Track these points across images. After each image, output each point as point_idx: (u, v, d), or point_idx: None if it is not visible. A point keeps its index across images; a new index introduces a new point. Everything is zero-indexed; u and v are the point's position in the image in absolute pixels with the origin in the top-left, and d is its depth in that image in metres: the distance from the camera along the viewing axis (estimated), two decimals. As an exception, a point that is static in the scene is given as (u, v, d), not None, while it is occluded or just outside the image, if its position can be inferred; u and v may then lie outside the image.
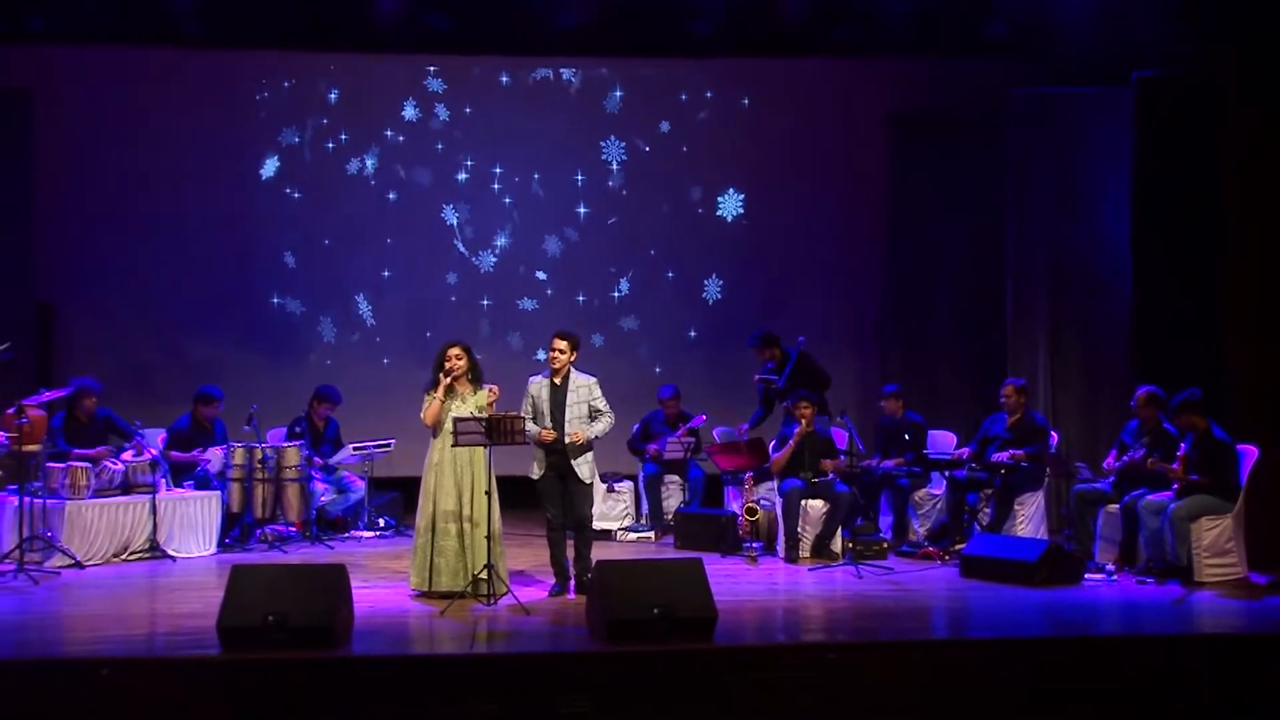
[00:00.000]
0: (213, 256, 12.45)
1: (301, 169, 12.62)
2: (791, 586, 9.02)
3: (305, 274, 12.65)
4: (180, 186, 12.32)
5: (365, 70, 12.59)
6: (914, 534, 10.27)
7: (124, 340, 12.21)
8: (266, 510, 10.30)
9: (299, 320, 12.64)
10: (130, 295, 12.29)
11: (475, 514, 8.21)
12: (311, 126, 12.61)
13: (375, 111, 12.65)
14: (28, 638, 7.36)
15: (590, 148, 12.83)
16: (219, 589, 7.14)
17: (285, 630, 6.70)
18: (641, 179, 12.88)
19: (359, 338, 12.68)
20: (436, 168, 12.75)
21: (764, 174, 12.89)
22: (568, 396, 8.41)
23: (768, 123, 12.84)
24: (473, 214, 12.79)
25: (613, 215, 12.90)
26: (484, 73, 12.74)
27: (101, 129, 12.14)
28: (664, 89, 12.87)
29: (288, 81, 12.55)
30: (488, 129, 12.74)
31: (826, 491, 9.81)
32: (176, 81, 12.24)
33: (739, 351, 11.80)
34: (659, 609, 6.93)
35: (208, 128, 12.31)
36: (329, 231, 12.65)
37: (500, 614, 7.85)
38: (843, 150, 12.78)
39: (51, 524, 9.30)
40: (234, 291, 12.52)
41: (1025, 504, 9.92)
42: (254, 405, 10.52)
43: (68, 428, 9.89)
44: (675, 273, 12.97)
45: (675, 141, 12.89)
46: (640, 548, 10.57)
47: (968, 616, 8.20)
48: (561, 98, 12.82)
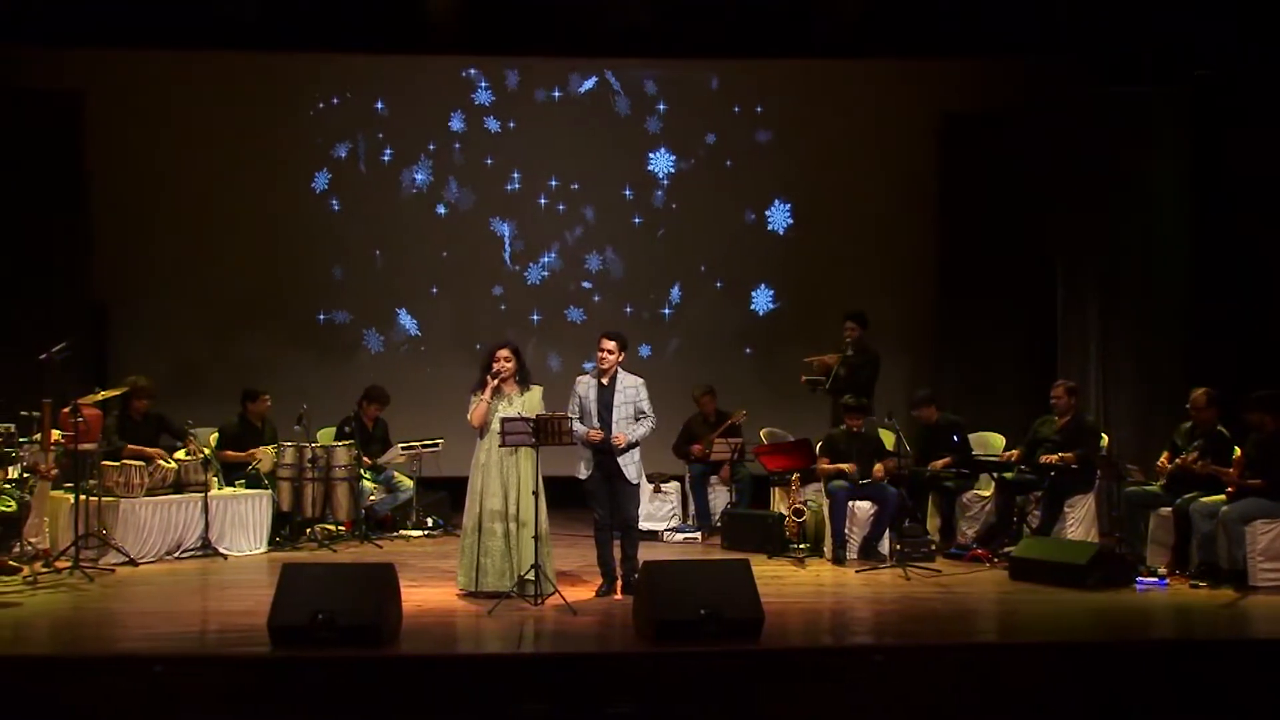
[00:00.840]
0: (264, 258, 12.59)
1: (351, 177, 12.74)
2: (839, 588, 8.98)
3: (354, 283, 12.75)
4: (231, 189, 12.49)
5: (414, 81, 12.71)
6: (962, 536, 10.20)
7: (176, 340, 12.37)
8: (316, 509, 10.39)
9: (347, 326, 12.74)
10: (182, 296, 12.46)
11: (522, 514, 8.24)
12: (362, 137, 12.72)
13: (424, 124, 12.75)
14: (83, 634, 7.47)
15: (637, 159, 12.87)
16: (269, 587, 7.20)
17: (334, 628, 6.74)
18: (689, 190, 12.92)
19: (407, 348, 12.76)
20: (485, 180, 12.82)
21: (814, 177, 12.89)
22: (615, 396, 8.42)
23: (818, 125, 12.83)
24: (521, 226, 12.85)
25: (661, 227, 12.92)
26: (532, 85, 12.80)
27: (154, 131, 12.32)
28: (712, 96, 12.87)
29: (337, 98, 12.67)
30: (536, 142, 12.81)
31: (874, 493, 9.78)
32: (228, 85, 12.43)
33: (789, 360, 11.82)
34: (706, 610, 6.92)
35: (259, 130, 12.48)
36: (378, 241, 12.77)
37: (547, 614, 7.87)
38: (894, 151, 12.77)
39: (106, 522, 9.43)
40: (285, 293, 12.65)
41: (1075, 506, 9.83)
42: (304, 405, 10.61)
43: (122, 427, 10.02)
44: (724, 282, 12.98)
45: (723, 151, 12.92)
46: (687, 548, 10.58)
47: (1017, 620, 8.14)
48: (609, 109, 12.86)
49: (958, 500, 10.32)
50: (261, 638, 6.86)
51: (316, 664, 6.63)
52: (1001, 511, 9.91)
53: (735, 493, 10.99)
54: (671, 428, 10.91)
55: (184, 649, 7.03)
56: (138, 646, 7.04)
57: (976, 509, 10.28)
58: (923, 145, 12.60)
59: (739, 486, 11.00)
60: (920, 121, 12.60)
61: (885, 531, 9.75)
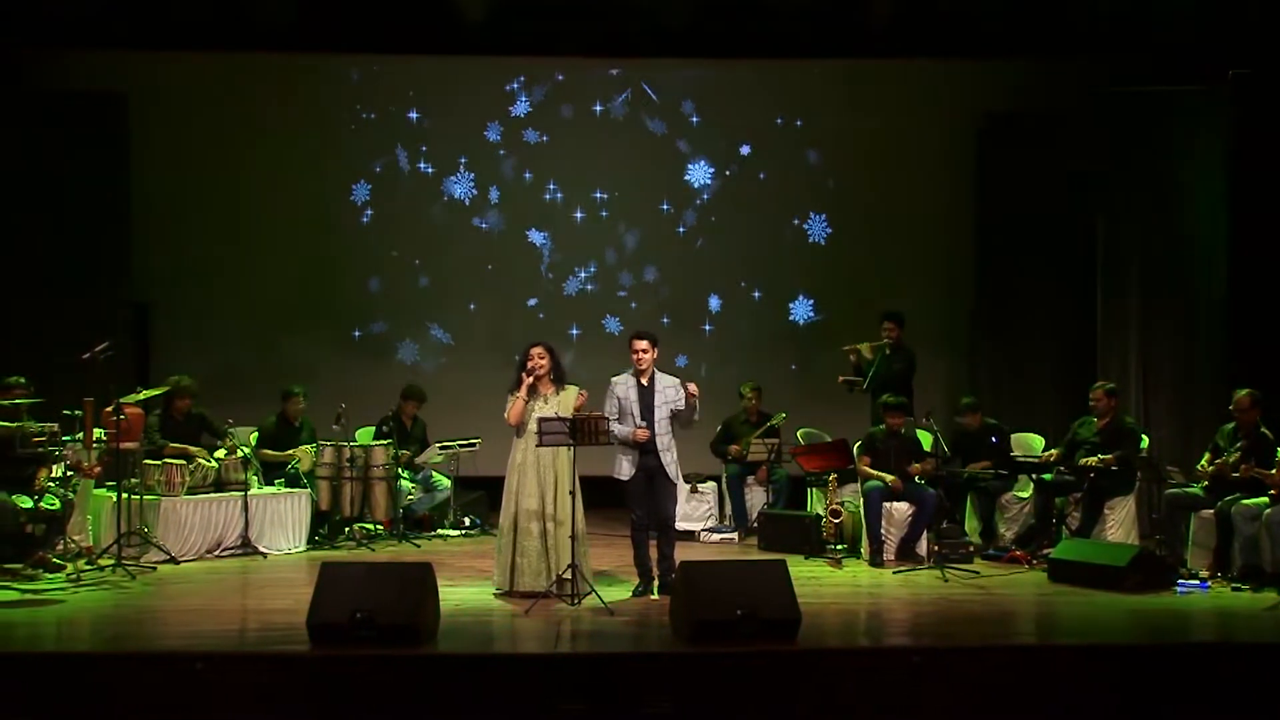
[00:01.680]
0: (304, 260, 12.66)
1: (390, 185, 12.80)
2: (876, 589, 8.95)
3: (392, 289, 12.80)
4: (270, 190, 12.55)
5: (452, 93, 12.73)
6: (1001, 538, 10.15)
7: (216, 340, 12.45)
8: (354, 508, 10.45)
9: (385, 333, 12.81)
10: (222, 296, 12.53)
11: (559, 514, 8.25)
12: (400, 147, 12.77)
13: (462, 135, 12.77)
14: (125, 631, 7.53)
15: (673, 171, 12.87)
16: (308, 585, 7.23)
17: (372, 627, 6.77)
18: (727, 201, 12.89)
19: (445, 360, 12.79)
20: (521, 192, 12.84)
21: (851, 181, 12.84)
22: (655, 397, 8.43)
23: (855, 127, 12.78)
24: (557, 238, 12.87)
25: (699, 238, 12.91)
26: (568, 97, 12.81)
27: (195, 133, 12.39)
28: (748, 102, 12.84)
29: (374, 112, 12.71)
30: (572, 153, 12.82)
31: (912, 494, 9.74)
32: (269, 88, 12.50)
33: (827, 362, 11.79)
34: (742, 610, 6.91)
35: (299, 133, 12.55)
36: (415, 249, 12.81)
37: (584, 614, 7.87)
38: (932, 152, 12.70)
39: (148, 520, 9.52)
40: (325, 295, 12.71)
41: (1115, 508, 9.76)
42: (342, 404, 10.67)
43: (164, 426, 10.11)
44: (762, 292, 12.94)
45: (759, 160, 12.89)
46: (724, 549, 10.57)
47: (1056, 622, 8.10)
48: (645, 122, 12.84)
49: (996, 502, 10.26)
50: (301, 636, 6.90)
51: (355, 662, 6.65)
52: (1040, 513, 9.85)
53: (772, 493, 10.96)
54: (709, 429, 10.88)
55: (224, 647, 7.07)
56: (179, 644, 7.09)
57: (1015, 510, 10.23)
58: (961, 146, 12.52)
59: (776, 487, 10.97)
60: (959, 122, 12.52)
61: (923, 532, 9.72)
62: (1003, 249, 12.33)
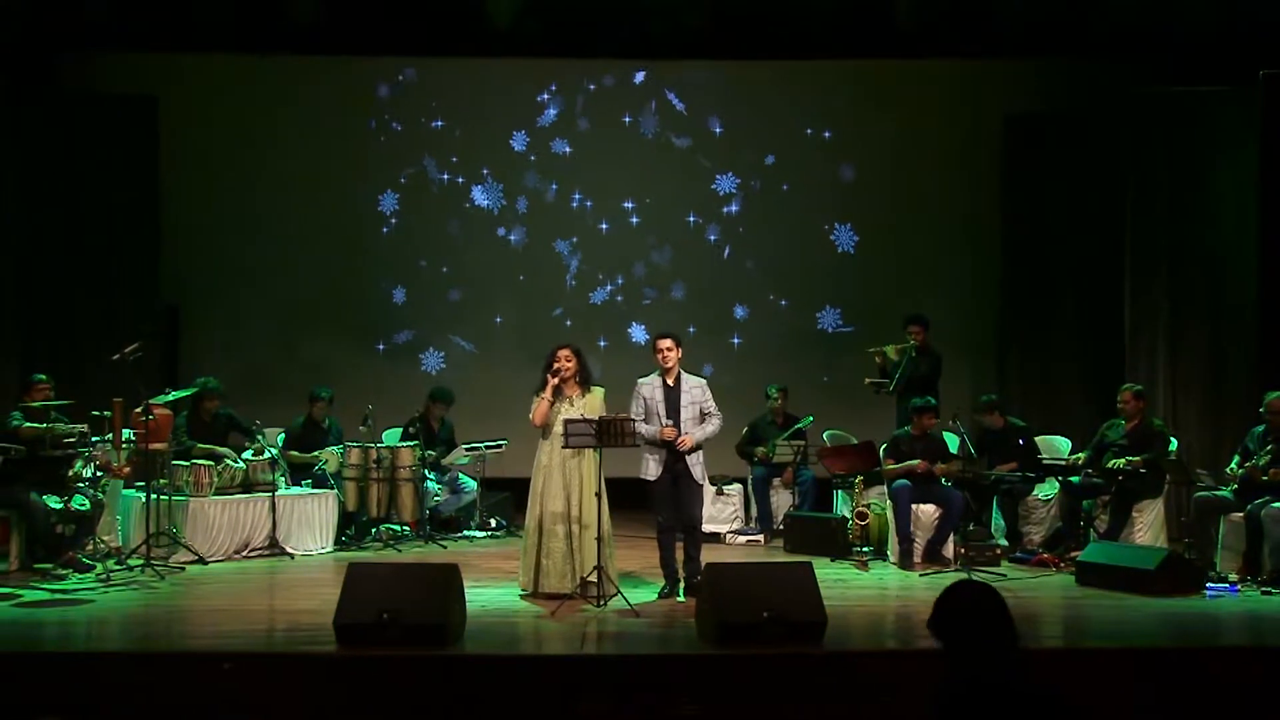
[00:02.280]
0: (331, 261, 12.68)
1: (418, 191, 12.83)
2: (903, 591, 8.92)
3: (418, 294, 12.83)
4: (299, 192, 12.59)
5: (480, 100, 12.74)
6: (1028, 541, 10.09)
7: (245, 341, 12.51)
8: (381, 509, 10.47)
9: (411, 341, 12.83)
10: (251, 298, 12.59)
11: (584, 516, 8.25)
12: (428, 155, 12.79)
13: (489, 144, 12.79)
14: (153, 631, 7.58)
15: (701, 180, 12.85)
16: (335, 586, 7.25)
17: (399, 628, 6.78)
18: (753, 209, 12.86)
19: (471, 361, 12.79)
20: (548, 201, 12.85)
21: (874, 184, 12.78)
22: (682, 397, 8.42)
23: (877, 131, 12.73)
24: (583, 247, 12.86)
25: (725, 247, 12.89)
26: (595, 106, 12.81)
27: (224, 136, 12.47)
28: (772, 109, 12.80)
29: (400, 123, 12.73)
30: (598, 163, 12.82)
31: (939, 496, 9.70)
32: (298, 89, 12.55)
33: (854, 365, 11.78)
34: (769, 612, 6.88)
35: (328, 135, 12.58)
36: (441, 253, 12.83)
37: (609, 615, 7.87)
38: (958, 154, 12.65)
39: (176, 520, 9.56)
40: (351, 295, 12.73)
41: (1144, 511, 9.70)
42: (369, 405, 10.70)
43: (192, 427, 10.16)
44: (789, 300, 12.92)
45: (784, 167, 12.84)
46: (749, 551, 10.55)
47: (1084, 625, 8.03)
48: (673, 131, 12.84)
49: (1023, 504, 10.21)
50: (328, 636, 6.92)
51: (381, 663, 6.66)
52: (1068, 516, 9.79)
53: (798, 495, 10.94)
54: (735, 431, 10.86)
55: (252, 647, 7.10)
56: (207, 644, 7.13)
57: (1042, 513, 10.18)
58: (987, 148, 12.48)
59: (802, 489, 10.95)
60: (984, 124, 12.47)
61: (950, 535, 9.68)
62: (1029, 251, 12.28)
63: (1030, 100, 12.37)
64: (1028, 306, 12.30)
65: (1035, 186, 12.24)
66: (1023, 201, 12.31)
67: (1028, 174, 12.27)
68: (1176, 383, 11.25)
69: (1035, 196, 12.24)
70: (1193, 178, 11.24)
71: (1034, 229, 12.25)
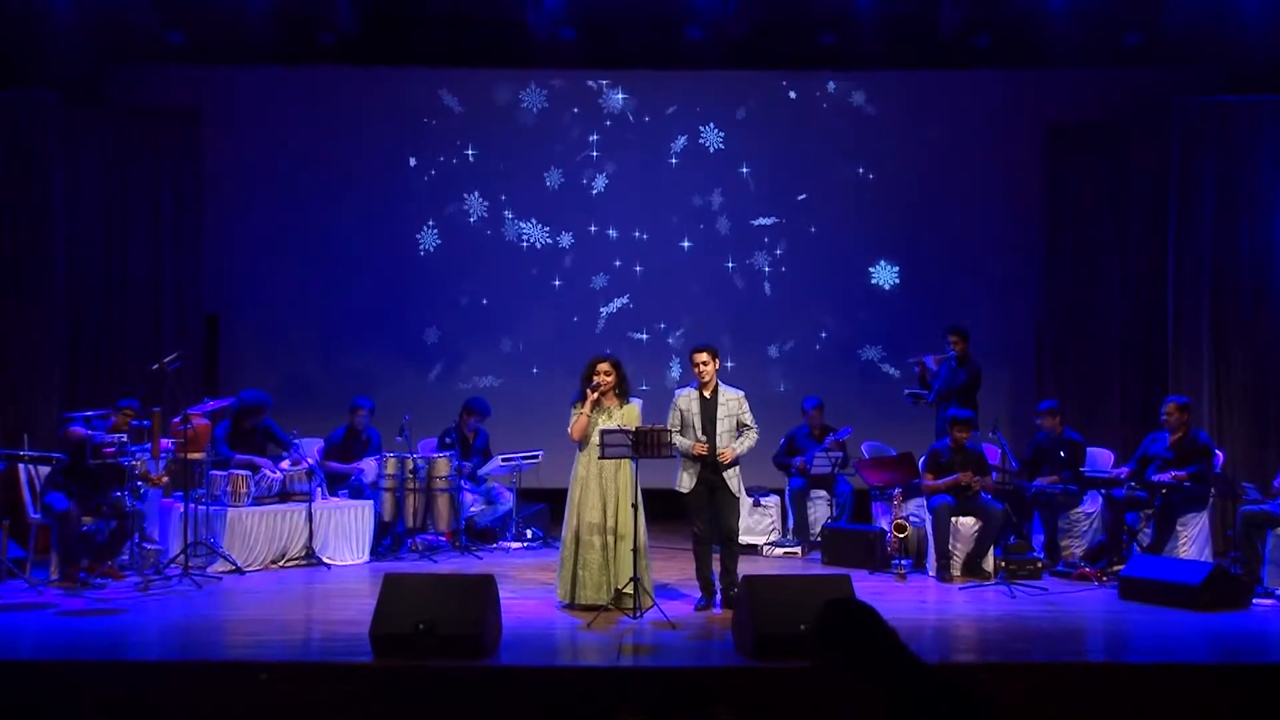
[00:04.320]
0: (370, 271, 12.70)
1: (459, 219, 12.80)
2: (942, 605, 8.84)
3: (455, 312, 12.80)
4: (340, 204, 12.61)
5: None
6: (1070, 554, 9.98)
7: (285, 352, 12.54)
8: (417, 520, 10.46)
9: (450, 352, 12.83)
10: (291, 308, 12.61)
11: (620, 527, 8.22)
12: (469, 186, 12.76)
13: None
14: (191, 640, 7.61)
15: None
16: (371, 597, 7.27)
17: (435, 638, 6.79)
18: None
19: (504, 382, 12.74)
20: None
21: (916, 191, 12.65)
22: (718, 410, 8.38)
23: (919, 138, 12.64)
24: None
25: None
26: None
27: (266, 147, 12.51)
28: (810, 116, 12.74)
29: (443, 156, 12.72)
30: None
31: (978, 508, 9.62)
32: (340, 101, 12.56)
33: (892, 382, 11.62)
34: (806, 625, 6.82)
35: (366, 147, 12.61)
36: (481, 285, 12.78)
37: (645, 627, 7.84)
38: (1000, 164, 12.54)
39: (214, 530, 9.61)
40: (390, 306, 12.73)
41: (1188, 525, 9.57)
42: (406, 416, 10.71)
43: (230, 436, 10.20)
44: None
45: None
46: (786, 563, 10.48)
47: (1127, 639, 7.95)
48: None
49: (1065, 518, 10.11)
50: (364, 647, 6.93)
51: (417, 674, 6.66)
52: (1111, 529, 9.67)
53: (836, 507, 10.88)
54: (771, 443, 10.80)
55: (289, 656, 7.12)
56: (244, 653, 7.15)
57: (1084, 527, 10.08)
58: (1026, 158, 12.38)
59: (839, 501, 10.88)
60: (1023, 133, 12.37)
61: (990, 548, 9.58)
62: (1071, 260, 12.16)
63: (1073, 109, 12.25)
64: (1070, 317, 12.17)
65: (1078, 197, 12.12)
66: (1065, 212, 12.19)
67: (1071, 184, 12.14)
68: (1222, 395, 11.12)
69: (1078, 207, 12.12)
70: (1238, 187, 11.11)
71: (1077, 240, 12.13)
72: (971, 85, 12.52)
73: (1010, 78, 12.41)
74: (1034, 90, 12.40)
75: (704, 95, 12.76)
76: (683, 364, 12.46)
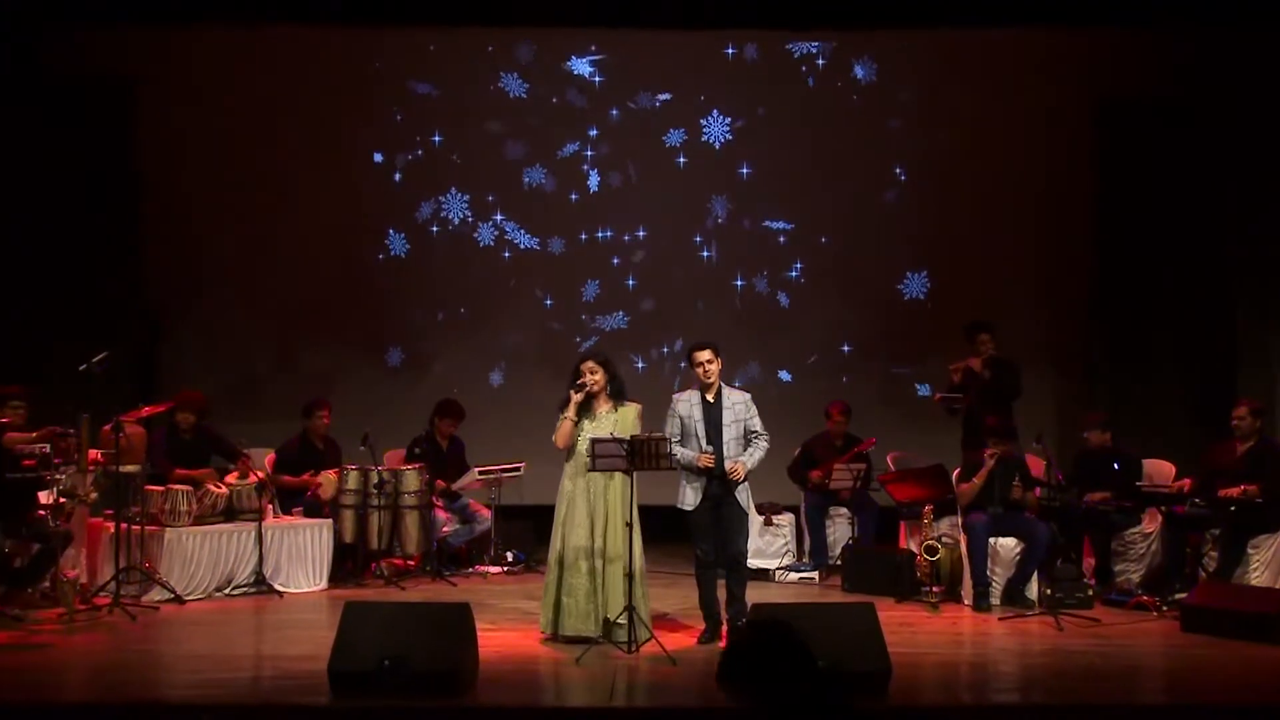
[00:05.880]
0: (328, 263, 12.68)
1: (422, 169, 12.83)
2: (979, 638, 8.87)
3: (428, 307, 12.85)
4: (295, 185, 12.58)
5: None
6: (1125, 580, 9.99)
7: (232, 351, 12.54)
8: (383, 541, 10.45)
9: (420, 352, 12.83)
10: (239, 302, 12.61)
11: (609, 549, 8.19)
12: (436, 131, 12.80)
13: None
14: (124, 679, 7.53)
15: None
16: (330, 629, 7.25)
17: (403, 676, 6.77)
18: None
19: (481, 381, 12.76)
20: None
21: (947, 168, 12.66)
22: (724, 415, 8.33)
23: (951, 110, 12.63)
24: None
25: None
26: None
27: (211, 121, 12.45)
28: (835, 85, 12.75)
29: (400, 112, 12.77)
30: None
31: (1020, 528, 9.59)
32: (292, 68, 12.50)
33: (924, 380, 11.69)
34: (825, 661, 6.76)
35: (324, 120, 12.57)
36: (456, 265, 12.83)
37: (642, 663, 7.81)
38: (1043, 139, 12.52)
39: (150, 553, 9.55)
40: (352, 298, 12.72)
41: (1260, 548, 9.57)
42: (369, 424, 10.67)
43: (169, 446, 10.16)
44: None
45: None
46: (802, 590, 10.47)
47: (1192, 678, 7.91)
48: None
49: (1119, 539, 10.10)
50: (322, 685, 6.91)
51: (383, 715, 6.66)
52: (1171, 552, 9.69)
53: (858, 526, 10.85)
54: (786, 452, 10.77)
55: (236, 697, 7.09)
56: (185, 694, 7.15)
57: (1141, 549, 10.08)
58: (1075, 134, 12.39)
59: (862, 519, 10.86)
60: (1073, 107, 12.38)
61: (1034, 573, 9.59)
62: (1125, 249, 12.20)
63: (1125, 81, 12.24)
64: (1123, 313, 12.22)
65: (1133, 178, 12.14)
66: (1118, 195, 12.21)
67: (1123, 163, 12.17)
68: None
69: (1133, 189, 12.15)
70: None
71: (1131, 227, 12.15)
72: (1011, 51, 12.47)
73: (1055, 41, 12.35)
74: (1082, 59, 12.34)
75: (708, 77, 12.77)
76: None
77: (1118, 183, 12.22)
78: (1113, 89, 12.30)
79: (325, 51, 12.51)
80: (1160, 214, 12.09)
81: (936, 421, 11.34)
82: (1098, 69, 12.34)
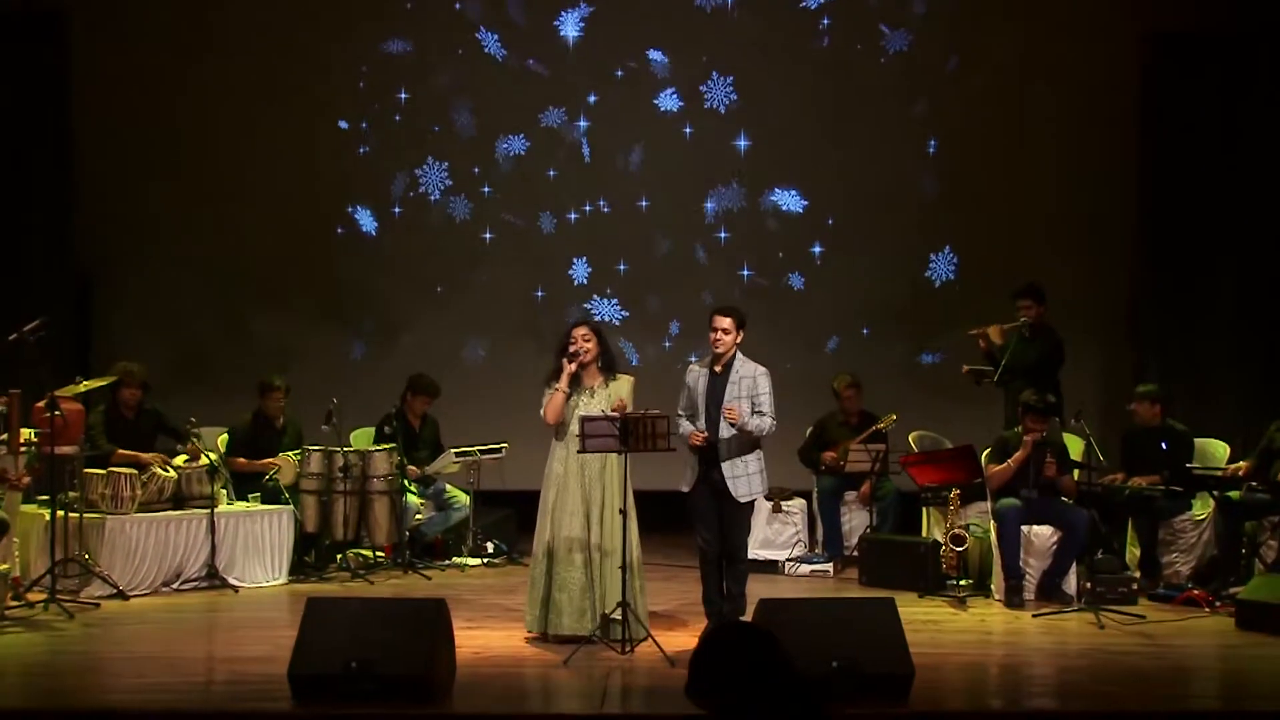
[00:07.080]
0: (286, 218, 12.69)
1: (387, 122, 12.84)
2: (1011, 637, 8.90)
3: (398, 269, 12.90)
4: (250, 133, 12.59)
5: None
6: (1173, 573, 10.03)
7: (178, 319, 12.54)
8: (349, 530, 10.47)
9: (386, 295, 12.82)
10: (186, 265, 12.62)
11: (605, 539, 8.20)
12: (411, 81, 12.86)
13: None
14: (61, 684, 7.54)
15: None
16: (291, 628, 7.26)
17: (371, 680, 6.76)
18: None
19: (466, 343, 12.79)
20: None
21: (979, 112, 12.69)
22: (728, 389, 8.31)
23: (980, 44, 12.67)
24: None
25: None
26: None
27: (154, 61, 12.44)
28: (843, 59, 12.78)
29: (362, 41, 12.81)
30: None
31: (1057, 515, 9.61)
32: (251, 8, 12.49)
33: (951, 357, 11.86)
34: (840, 662, 6.84)
35: (282, 59, 12.55)
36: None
37: (638, 664, 7.82)
38: (1084, 80, 12.52)
39: (90, 544, 9.54)
40: (313, 258, 12.73)
41: (1323, 536, 9.62)
42: (333, 399, 10.65)
43: (110, 425, 10.15)
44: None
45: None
46: (815, 584, 10.52)
47: (1248, 681, 7.96)
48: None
49: (1166, 527, 10.13)
50: (282, 691, 6.90)
51: (348, 724, 6.64)
52: (1226, 542, 9.71)
53: (877, 514, 10.88)
54: (796, 432, 10.78)
55: (186, 704, 7.11)
56: (129, 700, 7.13)
57: (1192, 538, 10.12)
58: (1119, 76, 12.39)
59: (881, 506, 10.89)
60: (1116, 44, 12.37)
61: (1072, 565, 9.61)
62: (1174, 208, 12.23)
63: (1176, 17, 12.22)
64: (1173, 277, 12.25)
65: (1184, 126, 12.16)
66: (1167, 144, 12.21)
67: (1175, 109, 12.17)
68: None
69: (1184, 139, 12.15)
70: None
71: (1182, 181, 12.15)
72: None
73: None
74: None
75: (712, 35, 12.80)
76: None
77: (1168, 126, 12.21)
78: (1159, 22, 12.29)
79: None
80: (1215, 163, 12.09)
81: (963, 394, 11.34)
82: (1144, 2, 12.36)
